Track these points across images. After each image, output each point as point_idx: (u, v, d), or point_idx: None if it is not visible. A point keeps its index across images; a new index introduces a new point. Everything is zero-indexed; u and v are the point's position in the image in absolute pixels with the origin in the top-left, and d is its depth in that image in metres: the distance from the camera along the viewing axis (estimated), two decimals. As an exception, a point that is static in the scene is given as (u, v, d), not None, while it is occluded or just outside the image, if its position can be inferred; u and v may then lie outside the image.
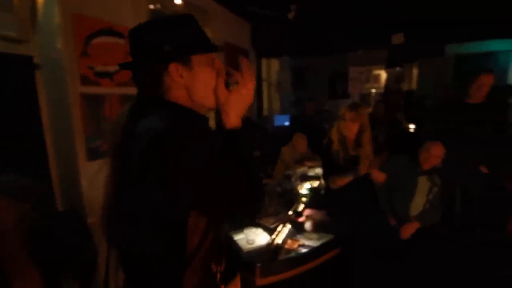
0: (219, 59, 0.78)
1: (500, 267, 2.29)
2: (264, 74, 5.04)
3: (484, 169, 2.52)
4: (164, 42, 0.68)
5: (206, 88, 0.74)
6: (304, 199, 2.27)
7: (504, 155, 2.70)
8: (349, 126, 1.99)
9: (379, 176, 2.12)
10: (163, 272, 0.67)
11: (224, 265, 0.79)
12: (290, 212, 2.04)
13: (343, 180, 2.09)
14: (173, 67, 0.70)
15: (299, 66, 6.40)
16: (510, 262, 2.36)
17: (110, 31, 2.02)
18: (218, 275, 0.77)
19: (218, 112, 0.76)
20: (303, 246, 1.70)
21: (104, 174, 2.07)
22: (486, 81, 2.43)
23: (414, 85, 6.34)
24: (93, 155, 1.96)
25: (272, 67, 5.53)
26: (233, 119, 0.73)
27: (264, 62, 4.93)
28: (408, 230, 2.07)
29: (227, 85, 0.75)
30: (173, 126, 0.64)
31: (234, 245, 1.66)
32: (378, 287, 2.03)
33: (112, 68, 2.07)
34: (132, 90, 2.30)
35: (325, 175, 2.29)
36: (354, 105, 2.06)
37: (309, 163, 2.96)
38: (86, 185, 1.94)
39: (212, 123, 0.80)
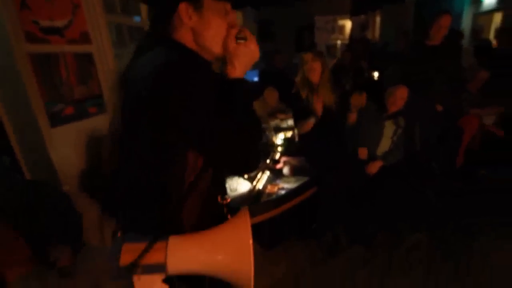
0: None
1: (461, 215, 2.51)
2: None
3: (439, 108, 2.75)
4: None
5: (214, 36, 0.74)
6: (279, 148, 2.36)
7: (456, 96, 2.95)
8: (312, 67, 2.07)
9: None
10: (163, 203, 0.70)
11: (229, 198, 0.85)
12: (268, 161, 2.13)
13: (308, 125, 2.19)
14: (183, 7, 0.70)
15: (264, 18, 6.14)
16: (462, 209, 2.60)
17: (50, -22, 1.76)
18: (225, 207, 0.83)
19: (222, 64, 0.77)
20: (282, 189, 1.83)
21: (72, 140, 1.97)
22: (444, 22, 2.54)
23: (377, 33, 6.46)
24: (56, 120, 1.83)
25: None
26: (238, 72, 0.75)
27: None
28: (374, 167, 2.27)
29: (236, 39, 0.75)
30: (181, 62, 0.64)
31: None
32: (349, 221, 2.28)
33: (60, 23, 1.85)
34: (88, 48, 2.10)
35: (296, 123, 2.38)
36: (309, 49, 2.23)
37: (281, 116, 3.02)
38: (55, 153, 1.84)
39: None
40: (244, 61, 0.76)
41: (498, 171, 3.00)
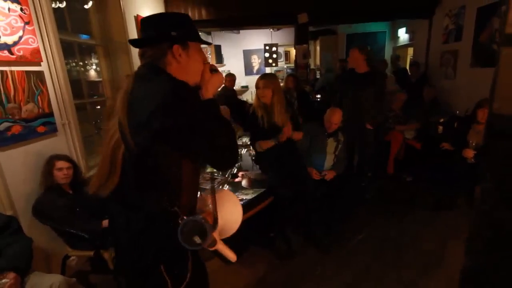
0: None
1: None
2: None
3: (369, 126, 3.21)
4: (172, 29, 0.93)
5: (194, 69, 0.98)
6: (237, 164, 2.50)
7: (383, 115, 3.48)
8: (263, 92, 2.23)
9: (298, 135, 2.45)
10: (169, 193, 0.92)
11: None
12: (227, 175, 2.25)
13: (267, 144, 2.33)
14: (176, 48, 0.92)
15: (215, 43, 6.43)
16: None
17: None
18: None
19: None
20: (241, 200, 1.95)
21: (20, 161, 1.86)
22: (352, 54, 3.04)
23: (317, 60, 7.23)
24: (1, 141, 1.71)
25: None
26: (210, 94, 1.00)
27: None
28: (330, 174, 2.61)
29: (210, 71, 1.02)
30: (181, 87, 0.86)
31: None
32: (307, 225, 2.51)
33: (9, 39, 1.79)
34: (39, 66, 2.04)
35: (253, 140, 2.54)
36: (264, 74, 2.36)
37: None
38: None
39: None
40: (214, 86, 1.02)
41: (420, 177, 3.59)
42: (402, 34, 6.46)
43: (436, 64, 4.47)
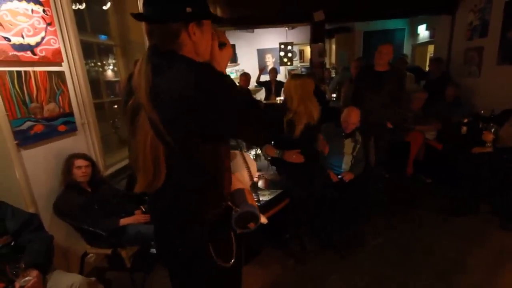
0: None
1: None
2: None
3: (389, 125, 3.12)
4: (187, 5, 0.82)
5: (206, 47, 0.92)
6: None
7: (401, 114, 3.37)
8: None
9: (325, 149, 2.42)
10: (214, 175, 0.92)
11: None
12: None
13: (271, 152, 2.29)
14: (191, 26, 0.84)
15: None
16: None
17: (24, -3, 1.75)
18: None
19: None
20: (258, 201, 1.92)
21: (41, 159, 1.89)
22: (384, 50, 2.92)
23: (333, 59, 7.11)
24: (24, 139, 1.75)
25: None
26: (223, 69, 0.96)
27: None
28: (349, 176, 2.54)
29: (219, 46, 0.96)
30: (207, 70, 0.82)
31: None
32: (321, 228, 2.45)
33: (33, 40, 1.82)
34: (60, 66, 2.07)
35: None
36: (297, 74, 2.28)
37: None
38: (21, 172, 1.74)
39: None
40: (225, 62, 1.00)
41: (441, 179, 3.45)
42: (422, 31, 6.24)
43: (459, 61, 4.28)
